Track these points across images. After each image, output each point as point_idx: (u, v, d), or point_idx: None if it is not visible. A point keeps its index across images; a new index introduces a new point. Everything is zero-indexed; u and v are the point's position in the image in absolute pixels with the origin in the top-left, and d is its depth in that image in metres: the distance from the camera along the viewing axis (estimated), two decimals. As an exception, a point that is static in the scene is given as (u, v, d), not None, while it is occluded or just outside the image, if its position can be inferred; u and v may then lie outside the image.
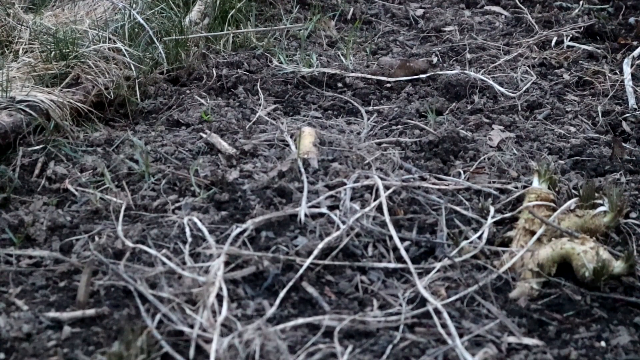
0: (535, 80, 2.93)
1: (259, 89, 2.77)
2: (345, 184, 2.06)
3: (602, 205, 1.94)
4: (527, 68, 3.05)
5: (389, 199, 2.01)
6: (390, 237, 1.89)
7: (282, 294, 1.70)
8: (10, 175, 2.14)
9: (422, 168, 2.24)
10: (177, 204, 2.03)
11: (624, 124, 2.62)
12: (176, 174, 2.14)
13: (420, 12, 3.71)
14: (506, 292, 1.77)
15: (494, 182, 2.18)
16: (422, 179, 2.16)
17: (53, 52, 2.62)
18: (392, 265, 1.83)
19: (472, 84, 2.84)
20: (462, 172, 2.23)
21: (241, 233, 1.87)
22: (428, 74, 2.93)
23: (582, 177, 2.24)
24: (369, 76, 2.91)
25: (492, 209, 1.99)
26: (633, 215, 2.04)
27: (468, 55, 3.18)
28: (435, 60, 3.12)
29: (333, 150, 2.27)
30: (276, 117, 2.59)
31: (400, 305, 1.70)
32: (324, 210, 1.96)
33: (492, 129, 2.55)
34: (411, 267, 1.79)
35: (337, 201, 2.01)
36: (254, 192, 2.04)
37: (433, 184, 2.14)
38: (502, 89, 2.82)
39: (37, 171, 2.21)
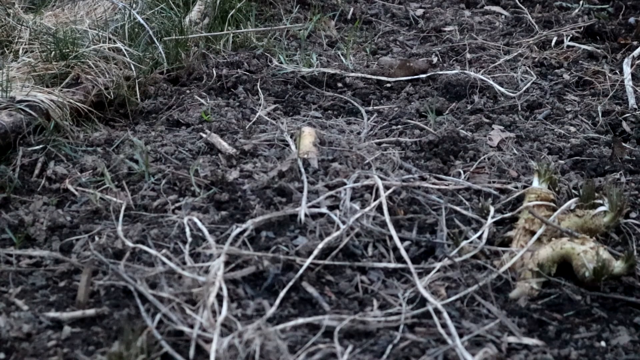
0: (535, 80, 2.93)
1: (259, 89, 2.77)
2: (345, 184, 2.06)
3: (602, 205, 1.94)
4: (527, 68, 3.05)
5: (389, 199, 2.01)
6: (390, 237, 1.89)
7: (282, 294, 1.70)
8: (10, 175, 2.14)
9: (422, 168, 2.24)
10: (177, 204, 2.03)
11: (624, 124, 2.62)
12: (176, 174, 2.14)
13: (420, 12, 3.71)
14: (506, 292, 1.77)
15: (494, 182, 2.18)
16: (422, 179, 2.16)
17: (53, 52, 2.62)
18: (392, 265, 1.83)
19: (472, 84, 2.84)
20: (462, 172, 2.23)
21: (241, 233, 1.87)
22: (428, 74, 2.93)
23: (582, 177, 2.24)
24: (369, 76, 2.91)
25: (492, 209, 1.99)
26: (633, 215, 2.04)
27: (468, 55, 3.18)
28: (435, 60, 3.12)
29: (333, 150, 2.27)
30: (276, 117, 2.59)
31: (400, 305, 1.70)
32: (324, 210, 1.96)
33: (492, 129, 2.55)
34: (411, 267, 1.79)
35: (337, 201, 2.01)
36: (254, 192, 2.05)
37: (433, 184, 2.14)
38: (502, 89, 2.82)
39: (37, 171, 2.21)
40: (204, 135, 2.39)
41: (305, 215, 1.94)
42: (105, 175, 2.11)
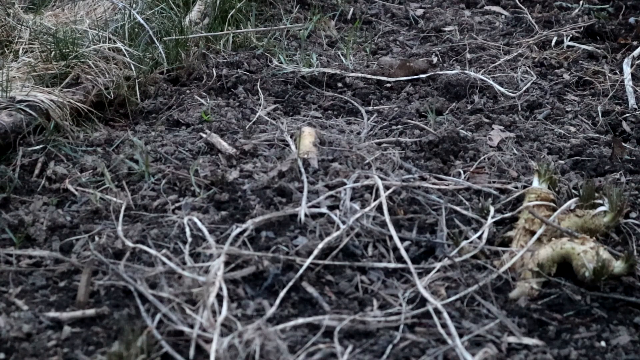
0: (535, 80, 2.93)
1: (259, 89, 2.77)
2: (345, 184, 2.06)
3: (602, 205, 1.94)
4: (527, 68, 3.05)
5: (389, 199, 2.01)
6: (390, 237, 1.89)
7: (282, 294, 1.70)
8: (10, 175, 2.14)
9: (422, 168, 2.24)
10: (177, 204, 2.03)
11: (624, 124, 2.62)
12: (176, 174, 2.14)
13: (420, 12, 3.71)
14: (506, 292, 1.77)
15: (494, 182, 2.18)
16: (422, 179, 2.16)
17: (53, 52, 2.62)
18: (392, 265, 1.83)
19: (472, 84, 2.84)
20: (462, 172, 2.23)
21: (241, 233, 1.87)
22: (428, 74, 2.93)
23: (582, 177, 2.24)
24: (369, 76, 2.91)
25: (492, 209, 1.99)
26: (633, 215, 2.04)
27: (468, 55, 3.18)
28: (435, 60, 3.12)
29: (333, 150, 2.27)
30: (276, 117, 2.59)
31: (400, 305, 1.70)
32: (324, 210, 1.96)
33: (492, 129, 2.55)
34: (411, 267, 1.79)
35: (337, 201, 2.01)
36: (254, 192, 2.05)
37: (433, 184, 2.14)
38: (502, 89, 2.82)
39: (37, 171, 2.21)
40: (204, 135, 2.39)
41: (305, 215, 1.94)
42: (105, 175, 2.11)
